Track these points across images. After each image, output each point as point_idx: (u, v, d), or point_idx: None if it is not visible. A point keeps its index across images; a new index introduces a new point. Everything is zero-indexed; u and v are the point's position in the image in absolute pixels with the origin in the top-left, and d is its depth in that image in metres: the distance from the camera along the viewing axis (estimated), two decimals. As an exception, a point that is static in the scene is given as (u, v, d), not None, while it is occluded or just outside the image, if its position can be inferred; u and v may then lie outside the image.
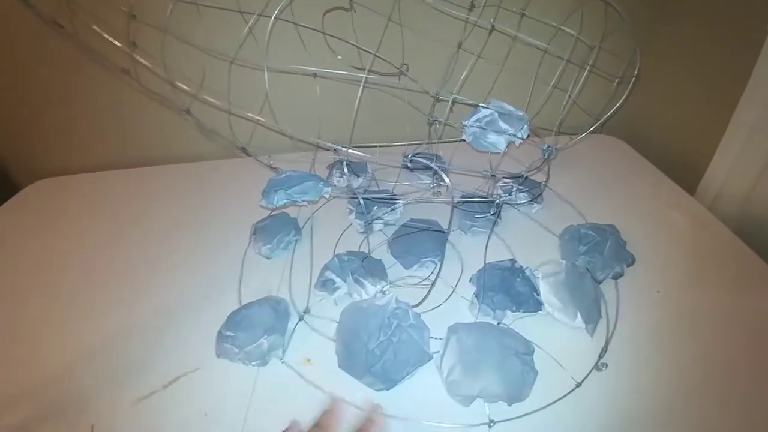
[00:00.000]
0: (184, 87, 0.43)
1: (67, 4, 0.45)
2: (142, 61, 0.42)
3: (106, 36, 0.42)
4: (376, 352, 0.41)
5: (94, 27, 0.42)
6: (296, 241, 0.59)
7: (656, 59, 0.74)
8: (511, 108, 0.51)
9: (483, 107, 0.51)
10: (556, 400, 0.40)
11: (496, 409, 0.39)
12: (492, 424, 0.38)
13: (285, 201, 0.44)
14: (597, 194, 0.66)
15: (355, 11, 0.47)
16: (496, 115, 0.51)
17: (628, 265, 0.52)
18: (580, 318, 0.44)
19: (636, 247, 0.54)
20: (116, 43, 0.41)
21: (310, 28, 0.49)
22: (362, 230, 0.59)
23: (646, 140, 0.79)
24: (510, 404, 0.39)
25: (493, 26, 0.41)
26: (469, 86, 0.49)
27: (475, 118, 0.52)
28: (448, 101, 0.46)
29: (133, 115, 0.79)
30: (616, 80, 0.45)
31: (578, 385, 0.41)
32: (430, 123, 0.46)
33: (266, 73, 0.39)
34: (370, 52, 0.40)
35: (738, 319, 0.47)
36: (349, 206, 0.62)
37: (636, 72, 0.42)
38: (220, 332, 0.45)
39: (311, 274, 0.53)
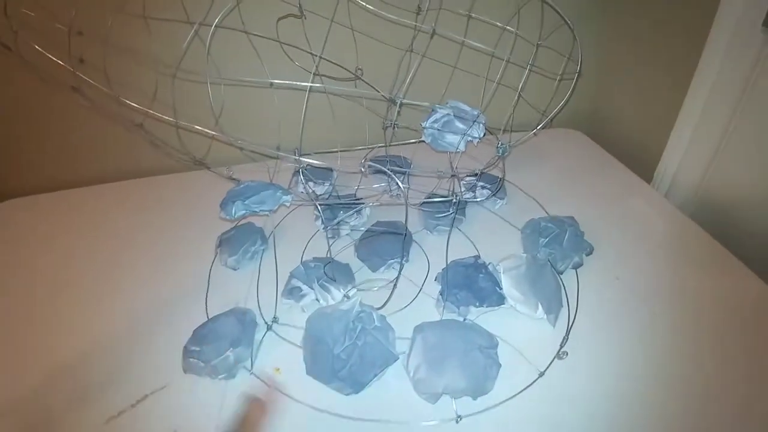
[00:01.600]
0: (134, 104, 0.43)
1: (8, 24, 0.44)
2: (87, 79, 0.41)
3: (49, 55, 0.41)
4: (342, 357, 0.41)
5: (36, 46, 0.42)
6: (263, 250, 0.59)
7: (612, 55, 0.78)
8: (466, 107, 0.53)
9: (438, 108, 0.52)
10: (521, 391, 0.42)
11: (464, 404, 0.41)
12: (459, 419, 0.40)
13: (243, 212, 0.45)
14: (558, 186, 0.69)
15: (305, 18, 0.48)
16: (453, 115, 0.52)
17: (587, 255, 0.54)
18: (541, 309, 0.46)
19: (594, 237, 0.56)
20: (59, 62, 0.41)
21: (261, 36, 0.50)
22: (330, 236, 0.60)
23: (605, 132, 0.82)
24: (475, 398, 0.40)
25: (434, 30, 0.43)
26: (426, 88, 0.50)
27: (432, 119, 0.54)
28: (401, 104, 0.47)
29: (89, 132, 0.78)
30: (558, 78, 0.47)
31: (541, 374, 0.43)
32: (385, 127, 0.47)
33: (209, 86, 0.39)
34: (320, 57, 0.41)
35: (694, 300, 0.50)
36: (316, 212, 0.62)
37: (578, 68, 0.44)
38: (185, 347, 0.45)
39: (277, 282, 0.53)
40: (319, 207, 0.45)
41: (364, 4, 0.41)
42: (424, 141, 0.54)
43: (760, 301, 0.49)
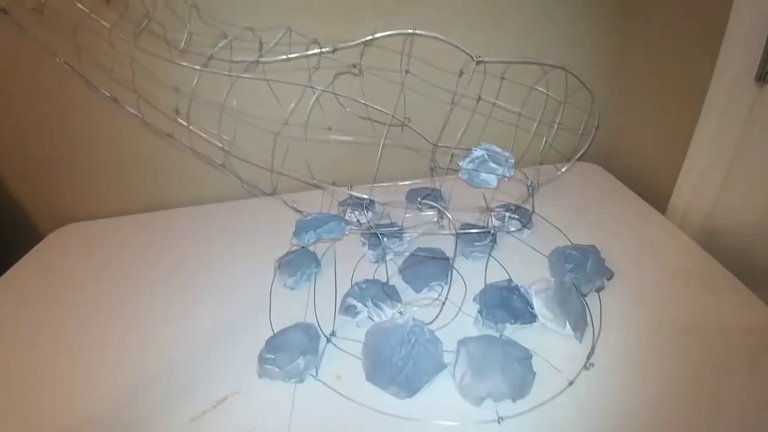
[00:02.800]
0: (227, 149, 0.53)
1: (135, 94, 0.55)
2: (192, 129, 0.52)
3: (158, 109, 0.52)
4: (399, 365, 0.49)
5: (158, 107, 0.52)
6: (317, 272, 0.68)
7: (627, 96, 0.87)
8: (498, 149, 0.62)
9: (474, 150, 0.62)
10: (553, 397, 0.49)
11: (503, 408, 0.48)
12: (500, 420, 0.47)
13: (315, 239, 0.54)
14: (579, 217, 0.77)
15: (363, 77, 0.58)
16: (486, 156, 0.62)
17: (608, 279, 0.61)
18: (569, 327, 0.54)
19: (614, 263, 0.63)
20: (163, 112, 0.51)
21: (325, 91, 0.60)
22: (375, 260, 0.69)
23: (622, 166, 0.90)
24: (514, 401, 0.47)
25: (479, 98, 0.52)
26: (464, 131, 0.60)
27: (469, 159, 0.63)
28: (446, 148, 0.57)
29: (156, 160, 0.89)
30: (579, 132, 0.57)
31: (570, 383, 0.50)
32: (433, 168, 0.56)
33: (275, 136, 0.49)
34: (379, 109, 0.51)
35: (702, 322, 0.57)
36: (362, 239, 0.71)
37: (596, 123, 0.53)
38: (260, 355, 0.53)
39: (336, 301, 0.62)
40: (380, 236, 0.54)
41: (423, 78, 0.51)
42: (460, 177, 0.64)
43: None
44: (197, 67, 0.47)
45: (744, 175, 0.67)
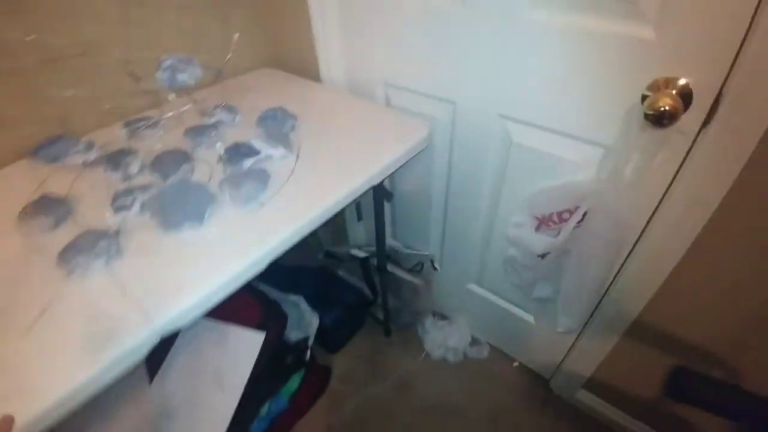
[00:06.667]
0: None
1: None
2: None
3: None
4: (184, 207, 0.71)
5: None
6: (69, 212, 0.76)
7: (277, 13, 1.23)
8: (181, 55, 0.86)
9: (162, 60, 0.84)
10: (286, 181, 0.80)
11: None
12: (262, 205, 0.75)
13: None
14: (272, 99, 1.09)
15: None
16: (176, 62, 0.85)
17: (296, 121, 0.97)
18: (282, 148, 0.86)
19: (300, 115, 0.99)
20: None
21: None
22: (124, 179, 0.83)
23: (288, 63, 1.29)
24: (264, 191, 0.77)
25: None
26: (150, 50, 0.80)
27: (161, 69, 0.84)
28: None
29: None
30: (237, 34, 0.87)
31: (292, 172, 0.83)
32: (129, 73, 0.75)
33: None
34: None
35: (361, 127, 1.00)
36: (103, 169, 0.83)
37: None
38: (61, 257, 0.64)
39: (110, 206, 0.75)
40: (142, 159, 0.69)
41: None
42: (161, 87, 0.85)
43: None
44: None
45: (349, 41, 1.13)
